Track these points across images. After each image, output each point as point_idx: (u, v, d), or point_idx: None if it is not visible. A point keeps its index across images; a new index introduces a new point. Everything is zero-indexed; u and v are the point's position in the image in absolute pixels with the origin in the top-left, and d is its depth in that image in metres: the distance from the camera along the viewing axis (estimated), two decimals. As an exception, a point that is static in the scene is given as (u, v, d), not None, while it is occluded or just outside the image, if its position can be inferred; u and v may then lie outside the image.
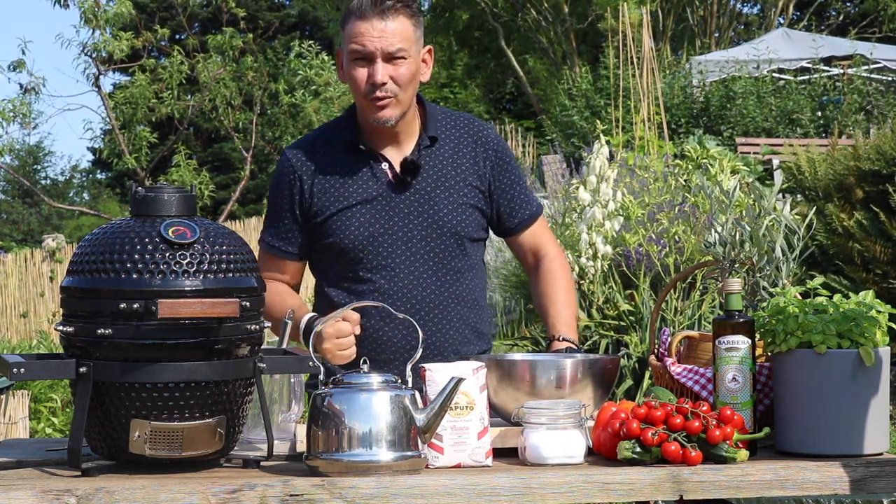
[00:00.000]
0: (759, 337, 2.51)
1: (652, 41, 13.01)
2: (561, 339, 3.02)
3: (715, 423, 2.37)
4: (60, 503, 2.16)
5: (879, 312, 2.47)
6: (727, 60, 17.45)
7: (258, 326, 2.40)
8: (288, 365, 2.47)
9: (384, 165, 3.04)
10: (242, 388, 2.39)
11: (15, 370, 2.30)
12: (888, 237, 8.10)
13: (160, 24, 13.17)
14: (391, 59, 2.93)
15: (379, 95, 2.94)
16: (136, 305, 2.27)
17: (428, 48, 3.05)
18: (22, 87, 12.06)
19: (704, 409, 2.39)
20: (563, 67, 23.48)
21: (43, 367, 2.36)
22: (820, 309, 2.47)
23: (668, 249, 7.07)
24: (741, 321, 2.47)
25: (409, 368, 2.40)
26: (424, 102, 3.10)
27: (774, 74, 17.51)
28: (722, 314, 2.50)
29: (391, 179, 3.03)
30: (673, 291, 6.66)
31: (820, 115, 16.50)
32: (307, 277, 3.20)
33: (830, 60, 18.03)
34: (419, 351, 2.47)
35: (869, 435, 2.40)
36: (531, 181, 14.19)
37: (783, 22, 24.79)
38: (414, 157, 3.02)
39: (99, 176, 35.78)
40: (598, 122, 8.71)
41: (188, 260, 2.31)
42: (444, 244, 3.04)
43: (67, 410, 7.24)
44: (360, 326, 2.86)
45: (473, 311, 3.11)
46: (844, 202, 8.47)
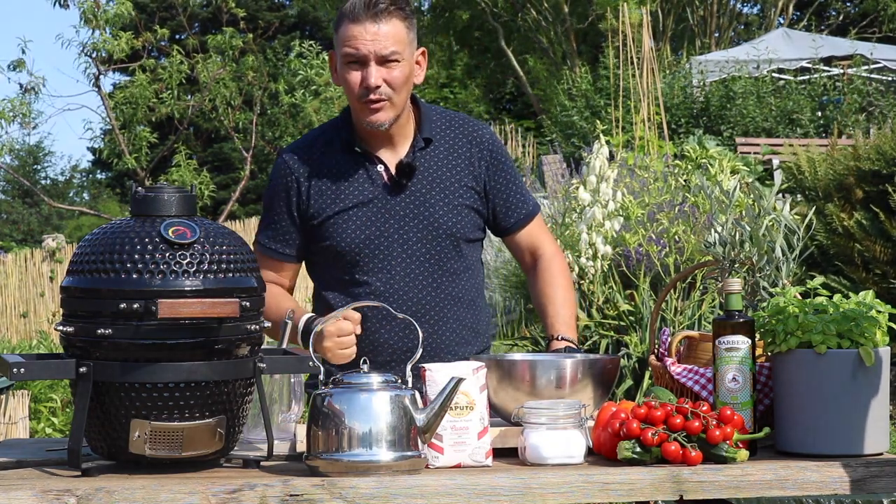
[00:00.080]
0: (759, 337, 2.51)
1: (652, 41, 13.01)
2: (560, 338, 3.01)
3: (715, 423, 2.37)
4: (60, 503, 2.16)
5: (879, 312, 2.47)
6: (727, 60, 17.45)
7: (258, 326, 2.40)
8: (288, 365, 2.47)
9: (380, 167, 3.04)
10: (242, 388, 2.39)
11: (15, 370, 2.30)
12: (888, 237, 8.10)
13: (160, 24, 13.17)
14: (385, 62, 2.93)
15: (373, 98, 2.94)
16: (136, 305, 2.27)
17: (421, 50, 3.05)
18: (22, 86, 12.06)
19: (704, 409, 2.39)
20: (563, 67, 23.49)
21: (43, 367, 2.36)
22: (820, 309, 2.47)
23: (668, 249, 7.07)
24: (741, 321, 2.47)
25: (408, 369, 2.40)
26: (419, 103, 3.10)
27: (774, 74, 17.51)
28: (722, 314, 2.50)
29: (387, 182, 3.03)
30: (673, 291, 6.66)
31: (820, 115, 16.50)
32: (309, 280, 3.20)
33: (830, 60, 18.03)
34: (419, 351, 2.47)
35: (869, 435, 2.40)
36: (531, 181, 14.19)
37: (783, 22, 24.80)
38: (409, 159, 3.02)
39: (99, 176, 35.80)
40: (598, 122, 8.71)
41: (188, 260, 2.31)
42: (440, 246, 3.04)
43: (67, 410, 7.24)
44: (359, 326, 2.86)
45: (470, 311, 3.10)
46: (844, 202, 8.47)
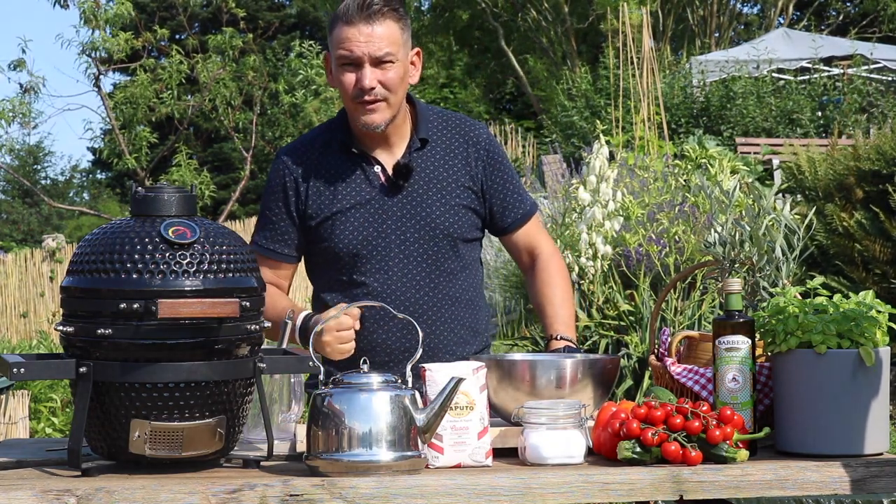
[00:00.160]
0: (759, 337, 2.51)
1: (652, 41, 13.01)
2: (559, 338, 3.01)
3: (715, 423, 2.37)
4: (60, 503, 2.16)
5: (879, 312, 2.47)
6: (727, 60, 17.45)
7: (258, 326, 2.40)
8: (288, 365, 2.47)
9: (377, 168, 3.04)
10: (242, 388, 2.39)
11: (15, 370, 2.30)
12: (888, 237, 8.10)
13: (160, 24, 13.16)
14: (379, 63, 2.93)
15: (367, 99, 2.94)
16: (136, 305, 2.27)
17: (416, 50, 3.05)
18: (22, 86, 12.05)
19: (704, 409, 2.39)
20: (562, 68, 23.49)
21: (43, 367, 2.36)
22: (820, 309, 2.47)
23: (668, 249, 7.07)
24: (741, 321, 2.47)
25: (408, 369, 2.40)
26: (416, 103, 3.10)
27: (774, 74, 17.51)
28: (722, 314, 2.50)
29: (384, 182, 3.03)
30: (673, 291, 6.66)
31: (820, 115, 16.50)
32: (308, 281, 3.20)
33: (830, 60, 18.03)
34: (419, 351, 2.47)
35: (869, 435, 2.40)
36: (531, 181, 14.19)
37: (783, 22, 24.80)
38: (405, 160, 3.02)
39: (99, 176, 35.80)
40: (598, 122, 8.71)
41: (188, 260, 2.31)
42: (437, 246, 3.04)
43: (67, 410, 7.24)
44: (358, 322, 2.87)
45: (469, 310, 3.10)
46: (844, 202, 8.47)
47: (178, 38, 21.06)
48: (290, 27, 30.72)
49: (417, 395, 2.36)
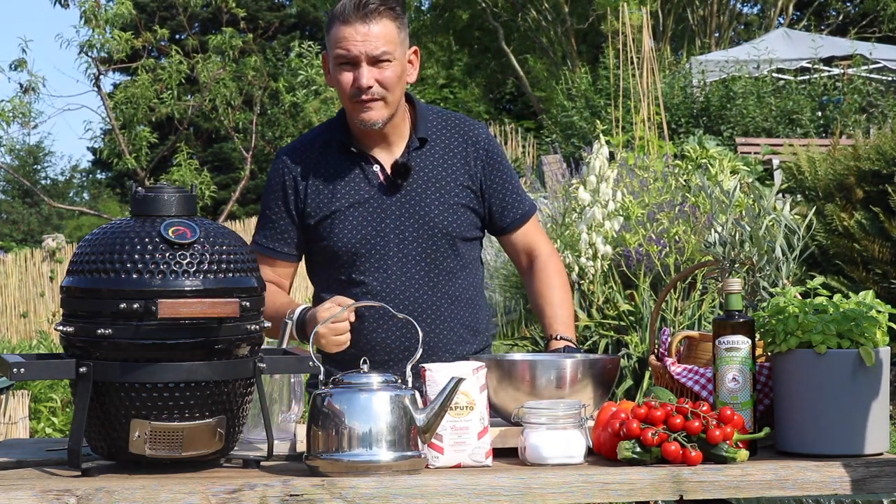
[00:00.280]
0: (759, 337, 2.51)
1: (652, 41, 13.01)
2: (558, 338, 3.02)
3: (715, 423, 2.37)
4: (60, 503, 2.16)
5: (879, 312, 2.47)
6: (727, 60, 17.46)
7: (258, 326, 2.40)
8: (288, 365, 2.47)
9: (375, 168, 3.04)
10: (242, 388, 2.39)
11: (15, 370, 2.30)
12: (888, 237, 8.10)
13: (160, 24, 13.15)
14: (376, 62, 2.94)
15: (365, 98, 2.95)
16: (136, 305, 2.27)
17: (414, 49, 3.05)
18: (22, 86, 12.04)
19: (704, 409, 2.39)
20: (562, 68, 23.49)
21: (43, 367, 2.36)
22: (820, 309, 2.47)
23: (668, 249, 7.07)
24: (741, 321, 2.47)
25: (408, 368, 2.40)
26: (415, 102, 3.10)
27: (774, 74, 17.51)
28: (722, 314, 2.50)
29: (383, 181, 3.04)
30: (673, 291, 6.66)
31: (820, 115, 16.51)
32: (309, 281, 3.20)
33: (830, 60, 18.03)
34: (419, 351, 2.47)
35: (869, 435, 2.40)
36: (531, 181, 14.20)
37: (783, 22, 24.81)
38: (404, 159, 3.03)
39: (99, 176, 35.81)
40: (597, 122, 8.71)
41: (188, 260, 2.31)
42: (436, 245, 3.04)
43: (67, 410, 7.25)
44: (356, 316, 2.88)
45: (468, 309, 3.10)
46: (844, 202, 8.47)
47: (178, 38, 21.06)
48: (290, 27, 30.73)
49: (417, 395, 2.36)
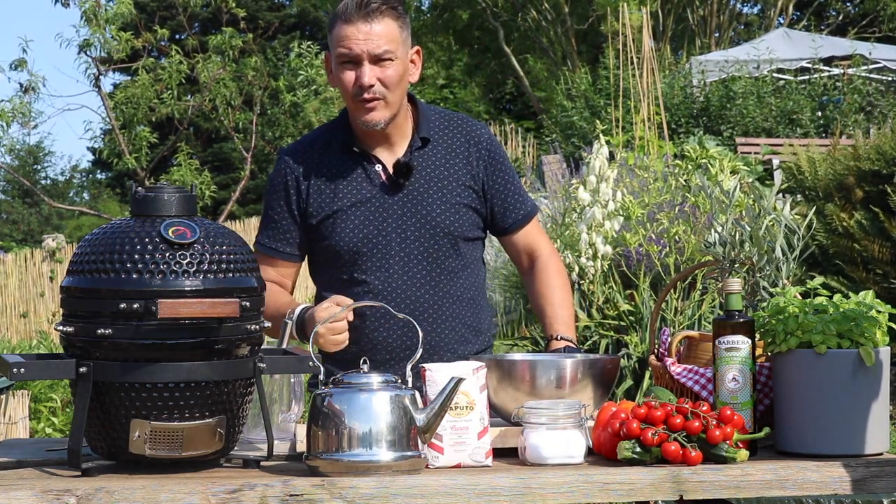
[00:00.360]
0: (759, 337, 2.51)
1: (652, 41, 13.01)
2: (559, 338, 3.02)
3: (715, 423, 2.37)
4: (60, 503, 2.16)
5: (879, 312, 2.47)
6: (727, 60, 17.46)
7: (258, 326, 2.40)
8: (288, 365, 2.47)
9: (377, 167, 3.05)
10: (242, 388, 2.39)
11: (15, 370, 2.30)
12: (888, 237, 8.10)
13: (160, 24, 13.15)
14: (378, 61, 2.94)
15: (367, 97, 2.95)
16: (136, 305, 2.27)
17: (416, 49, 3.06)
18: (22, 86, 12.04)
19: (704, 409, 2.39)
20: (562, 68, 23.49)
21: (43, 367, 2.36)
22: (820, 309, 2.47)
23: (668, 249, 7.07)
24: (741, 321, 2.47)
25: (408, 368, 2.40)
26: (417, 103, 3.11)
27: (774, 74, 17.51)
28: (722, 314, 2.50)
29: (384, 181, 3.04)
30: (673, 291, 6.66)
31: (820, 115, 16.50)
32: (309, 280, 3.21)
33: (830, 60, 18.03)
34: (419, 351, 2.47)
35: (869, 435, 2.40)
36: (531, 181, 14.20)
37: (783, 22, 24.80)
38: (406, 158, 3.03)
39: (99, 176, 35.81)
40: (597, 122, 8.71)
41: (188, 260, 2.31)
42: (437, 244, 3.04)
43: (67, 410, 7.24)
44: (355, 317, 2.88)
45: (470, 309, 3.11)
46: (844, 202, 8.47)
47: (178, 38, 21.05)
48: (290, 27, 30.73)
49: (417, 395, 2.36)
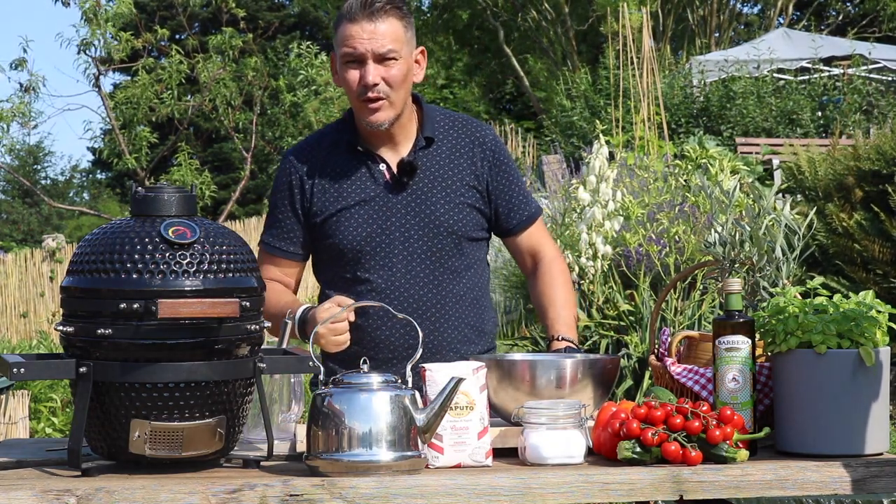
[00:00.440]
0: (759, 337, 2.51)
1: (652, 41, 13.01)
2: (560, 338, 3.02)
3: (715, 423, 2.37)
4: (60, 503, 2.16)
5: (879, 312, 2.47)
6: (727, 60, 17.46)
7: (258, 326, 2.40)
8: (288, 365, 2.47)
9: (382, 166, 3.05)
10: (242, 388, 2.39)
11: (15, 370, 2.30)
12: (888, 237, 8.10)
13: (160, 24, 13.15)
14: (382, 60, 2.95)
15: (371, 97, 2.96)
16: (136, 305, 2.27)
17: (420, 49, 3.06)
18: (22, 86, 12.03)
19: (704, 409, 2.39)
20: (562, 68, 23.49)
21: (43, 367, 2.36)
22: (820, 309, 2.47)
23: (668, 249, 7.07)
24: (741, 321, 2.47)
25: (409, 368, 2.40)
26: (422, 103, 3.11)
27: (774, 74, 17.51)
28: (722, 314, 2.50)
29: (388, 180, 3.05)
30: (673, 291, 6.66)
31: (820, 115, 16.50)
32: (312, 279, 3.21)
33: (830, 60, 18.03)
34: (419, 351, 2.47)
35: (869, 435, 2.40)
36: (531, 181, 14.19)
37: (783, 22, 24.80)
38: (410, 158, 3.04)
39: (99, 176, 35.81)
40: (597, 122, 8.71)
41: (188, 260, 2.31)
42: (441, 244, 3.05)
43: (67, 410, 7.24)
44: (357, 315, 2.88)
45: (473, 309, 3.11)
46: (844, 202, 8.47)
47: (178, 38, 21.05)
48: (290, 27, 30.73)
49: (417, 395, 2.36)
